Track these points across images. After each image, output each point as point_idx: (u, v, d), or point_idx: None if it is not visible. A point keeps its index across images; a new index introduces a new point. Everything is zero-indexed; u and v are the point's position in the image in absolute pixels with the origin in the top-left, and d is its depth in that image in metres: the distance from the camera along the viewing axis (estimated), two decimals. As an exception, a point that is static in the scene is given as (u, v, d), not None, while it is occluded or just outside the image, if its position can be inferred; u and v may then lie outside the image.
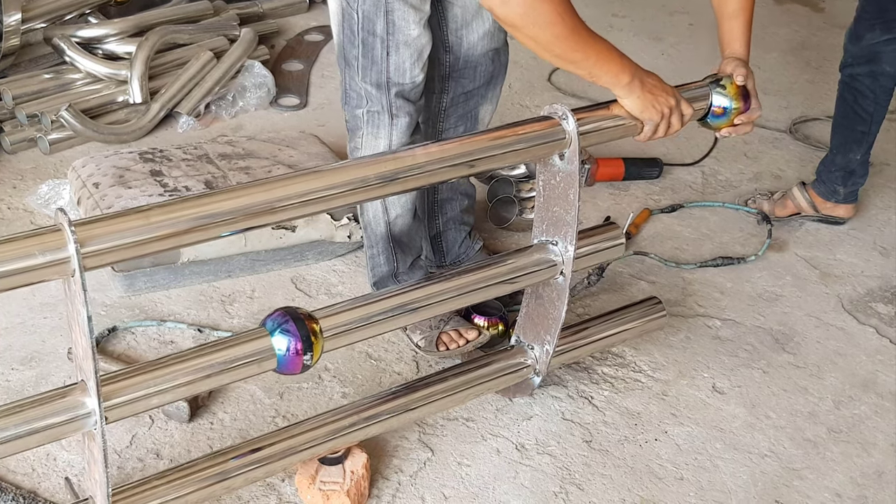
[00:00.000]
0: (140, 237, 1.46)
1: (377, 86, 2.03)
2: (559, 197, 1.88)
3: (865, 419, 2.19)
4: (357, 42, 2.00)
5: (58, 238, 1.39)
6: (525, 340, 2.08)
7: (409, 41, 1.97)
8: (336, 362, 2.22)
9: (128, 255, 1.48)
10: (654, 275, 2.61)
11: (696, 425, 2.14)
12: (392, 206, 2.17)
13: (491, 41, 2.18)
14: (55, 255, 1.39)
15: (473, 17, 2.13)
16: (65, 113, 2.95)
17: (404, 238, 2.23)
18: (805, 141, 3.33)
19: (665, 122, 1.89)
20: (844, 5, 4.58)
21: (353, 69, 2.04)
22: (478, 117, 2.29)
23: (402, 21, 1.95)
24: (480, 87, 2.24)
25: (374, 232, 2.22)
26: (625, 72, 1.80)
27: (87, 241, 1.40)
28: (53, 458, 1.93)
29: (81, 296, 1.41)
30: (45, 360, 2.17)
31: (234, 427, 2.04)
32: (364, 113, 2.08)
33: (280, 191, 1.59)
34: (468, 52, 2.17)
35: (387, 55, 1.99)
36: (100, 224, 1.45)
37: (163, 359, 1.61)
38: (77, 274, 1.40)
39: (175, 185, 2.47)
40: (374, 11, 1.94)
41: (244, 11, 3.83)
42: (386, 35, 1.96)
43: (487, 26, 2.15)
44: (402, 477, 1.96)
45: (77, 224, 1.40)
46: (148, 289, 2.41)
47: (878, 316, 2.52)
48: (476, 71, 2.21)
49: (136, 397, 1.55)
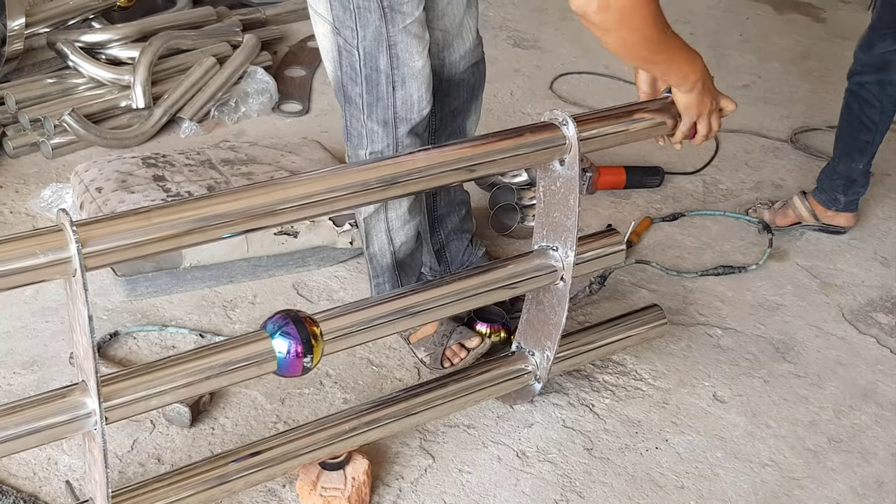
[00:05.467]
0: (141, 238, 1.46)
1: (384, 124, 1.97)
2: (560, 203, 1.89)
3: (866, 429, 2.20)
4: (360, 79, 1.94)
5: (59, 238, 1.39)
6: (526, 346, 2.08)
7: (414, 73, 1.93)
8: (337, 368, 2.22)
9: (129, 255, 1.48)
10: (655, 283, 2.61)
11: (697, 434, 2.14)
12: (397, 235, 2.15)
13: (472, 57, 2.18)
14: (57, 255, 1.39)
15: (455, 38, 2.11)
16: (68, 117, 2.96)
17: (408, 261, 2.23)
18: (806, 151, 3.34)
19: (704, 121, 1.92)
20: (846, 15, 4.61)
21: (357, 107, 1.98)
22: (465, 131, 2.29)
23: (406, 53, 1.91)
24: (465, 101, 2.24)
25: (380, 263, 2.20)
26: (695, 72, 1.83)
27: (88, 241, 1.40)
28: (55, 461, 1.93)
29: (82, 295, 1.41)
30: (46, 364, 2.17)
31: (236, 432, 2.04)
32: (367, 155, 2.02)
33: (280, 193, 1.59)
34: (451, 71, 2.16)
35: (392, 90, 1.94)
36: (101, 224, 1.45)
37: (163, 360, 1.61)
38: (78, 274, 1.40)
39: (178, 191, 2.48)
40: (376, 47, 1.89)
41: (247, 17, 3.83)
42: (391, 70, 1.92)
43: (469, 44, 2.15)
44: (404, 483, 1.96)
45: (78, 224, 1.40)
46: (150, 293, 2.41)
47: (878, 326, 2.53)
48: (460, 88, 2.20)
49: (136, 398, 1.55)
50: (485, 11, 4.16)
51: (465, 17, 2.11)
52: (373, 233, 2.14)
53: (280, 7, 4.03)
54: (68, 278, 1.43)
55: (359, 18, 1.87)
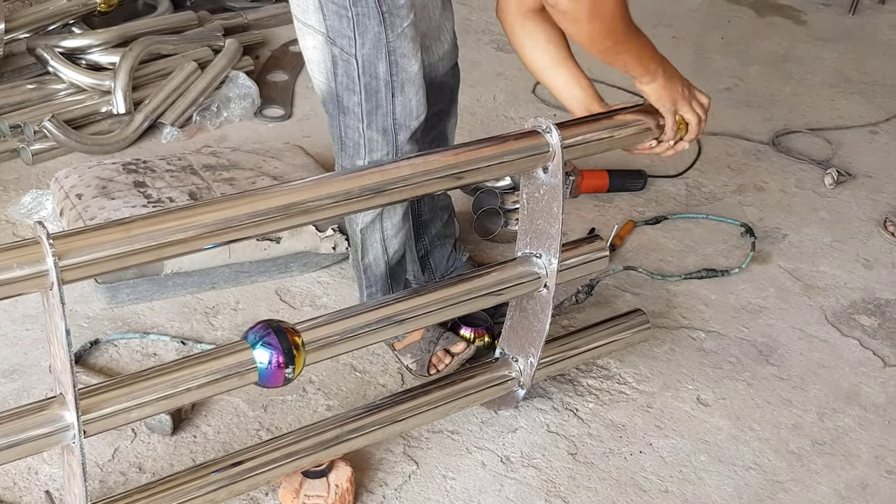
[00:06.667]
0: (119, 250, 1.44)
1: (383, 132, 1.95)
2: (543, 210, 1.88)
3: (849, 431, 2.20)
4: (358, 88, 1.91)
5: (36, 251, 1.38)
6: (509, 353, 2.08)
7: (412, 77, 1.92)
8: (321, 375, 2.21)
9: (107, 268, 1.46)
10: (639, 287, 2.61)
11: (681, 437, 2.14)
12: (391, 244, 2.14)
13: (449, 59, 2.18)
14: (33, 269, 1.37)
15: (433, 41, 2.11)
16: (48, 123, 2.94)
17: (396, 268, 2.22)
18: (788, 153, 3.35)
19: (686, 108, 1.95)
20: (826, 18, 4.63)
21: (355, 116, 1.94)
22: (447, 134, 2.29)
23: (404, 58, 1.89)
24: (446, 104, 2.24)
25: (375, 273, 2.18)
26: (654, 60, 1.89)
27: (65, 254, 1.39)
28: (35, 471, 1.91)
29: (60, 309, 1.40)
30: (26, 372, 2.16)
31: (218, 440, 2.03)
32: (365, 164, 1.99)
33: (263, 203, 1.57)
34: (432, 74, 2.14)
35: (392, 97, 1.92)
36: (78, 237, 1.43)
37: (143, 372, 1.59)
38: (55, 287, 1.39)
39: (159, 197, 2.46)
40: (375, 54, 1.87)
41: (229, 22, 3.82)
42: (390, 77, 1.89)
43: (447, 46, 2.15)
44: (387, 490, 1.95)
45: (55, 237, 1.39)
46: (131, 300, 2.39)
47: (861, 328, 2.53)
48: (442, 90, 2.19)
49: (115, 410, 1.53)
50: (468, 16, 4.16)
51: (442, 19, 2.11)
52: (368, 243, 2.13)
53: (262, 11, 4.02)
54: (45, 291, 1.42)
55: (357, 26, 1.85)
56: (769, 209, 3.03)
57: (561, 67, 2.01)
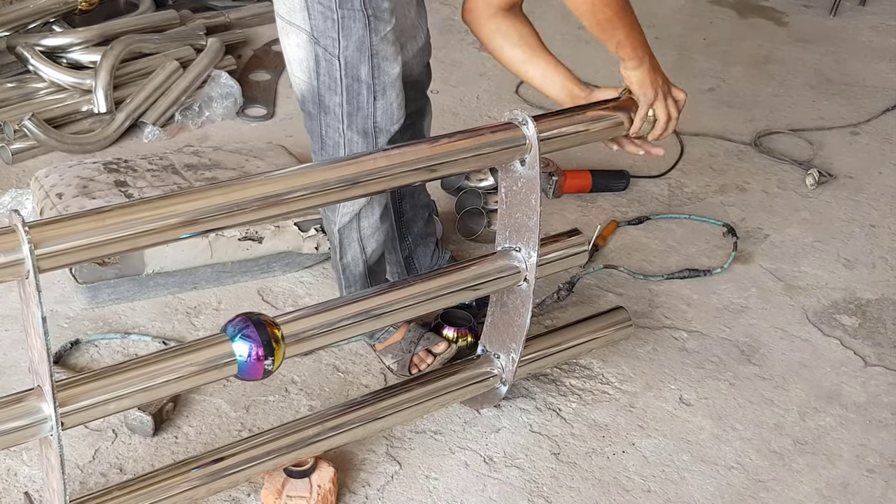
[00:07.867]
0: (95, 239, 1.43)
1: (363, 133, 1.95)
2: (521, 203, 1.88)
3: (831, 430, 2.21)
4: (339, 89, 1.90)
5: (12, 239, 1.37)
6: (491, 349, 2.07)
7: (392, 80, 1.92)
8: (303, 375, 2.20)
9: (83, 256, 1.45)
10: (621, 287, 2.62)
11: (664, 437, 2.14)
12: (368, 243, 2.13)
13: (424, 56, 2.19)
14: (9, 257, 1.36)
15: (409, 39, 2.10)
16: (28, 122, 2.92)
17: (375, 267, 2.21)
18: (769, 154, 3.36)
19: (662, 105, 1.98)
20: (807, 19, 4.65)
21: (335, 116, 1.94)
22: (423, 131, 2.29)
23: (385, 61, 1.89)
24: (421, 102, 2.24)
25: (353, 273, 2.18)
26: (643, 47, 1.96)
27: (41, 242, 1.38)
28: (14, 473, 1.90)
29: (36, 297, 1.38)
30: (5, 373, 2.14)
31: (199, 441, 2.02)
32: None
33: (238, 194, 1.56)
34: (406, 72, 2.13)
35: (373, 100, 1.92)
36: (54, 226, 1.42)
37: (122, 364, 1.58)
38: (31, 276, 1.37)
39: (140, 196, 2.45)
40: (359, 56, 1.87)
41: (211, 21, 3.80)
42: (371, 80, 1.89)
43: (420, 43, 2.15)
44: (370, 491, 1.94)
45: (31, 225, 1.37)
46: (112, 301, 2.38)
47: (842, 328, 2.54)
48: (417, 88, 2.19)
49: (93, 402, 1.51)
50: (450, 16, 4.16)
51: (417, 17, 2.11)
52: (346, 242, 2.12)
53: (244, 10, 4.01)
54: (21, 280, 1.41)
55: (342, 29, 1.85)
56: (751, 209, 3.04)
57: (537, 59, 2.03)
